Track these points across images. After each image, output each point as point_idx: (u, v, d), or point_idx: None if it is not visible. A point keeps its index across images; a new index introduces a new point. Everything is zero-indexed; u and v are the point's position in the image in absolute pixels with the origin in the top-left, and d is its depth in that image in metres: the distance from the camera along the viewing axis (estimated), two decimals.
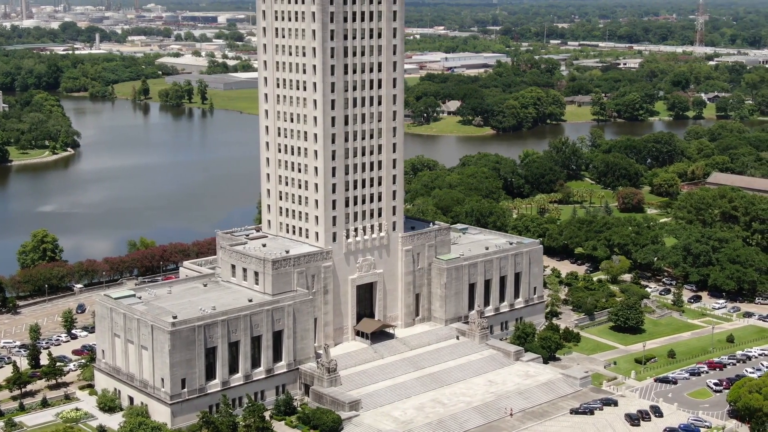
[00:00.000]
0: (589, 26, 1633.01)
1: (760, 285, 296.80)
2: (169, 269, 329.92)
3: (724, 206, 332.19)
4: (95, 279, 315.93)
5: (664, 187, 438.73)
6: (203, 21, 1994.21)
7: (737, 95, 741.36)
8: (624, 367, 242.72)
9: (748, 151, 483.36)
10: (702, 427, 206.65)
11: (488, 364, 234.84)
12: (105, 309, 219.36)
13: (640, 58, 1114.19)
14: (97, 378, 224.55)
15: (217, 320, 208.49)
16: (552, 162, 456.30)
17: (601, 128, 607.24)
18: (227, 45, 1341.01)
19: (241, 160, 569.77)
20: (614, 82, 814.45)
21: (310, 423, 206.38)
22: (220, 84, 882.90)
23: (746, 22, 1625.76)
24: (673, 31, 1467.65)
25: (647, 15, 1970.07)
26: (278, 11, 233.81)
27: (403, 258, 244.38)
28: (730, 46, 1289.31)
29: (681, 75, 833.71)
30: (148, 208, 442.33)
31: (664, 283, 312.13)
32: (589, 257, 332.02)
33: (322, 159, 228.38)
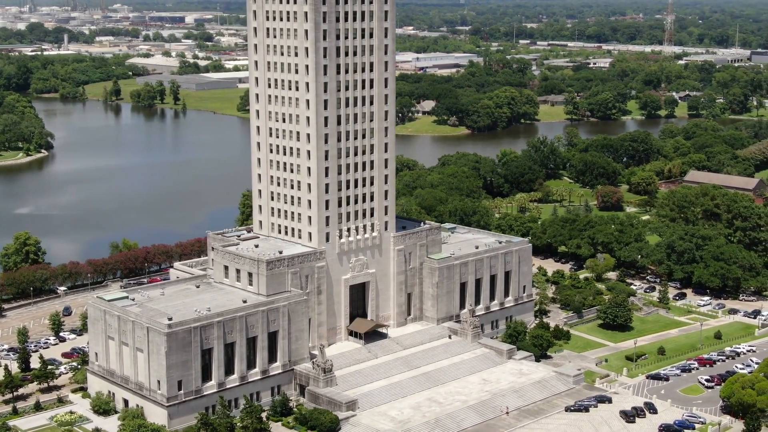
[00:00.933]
0: (558, 26, 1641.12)
1: (744, 282, 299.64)
2: (152, 271, 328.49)
3: (707, 204, 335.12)
4: (79, 281, 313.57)
5: (642, 185, 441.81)
6: (170, 21, 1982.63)
7: (708, 94, 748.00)
8: (615, 365, 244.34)
9: (723, 150, 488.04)
10: (697, 423, 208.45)
11: (481, 363, 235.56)
12: (98, 311, 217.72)
13: (609, 57, 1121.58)
14: (90, 381, 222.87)
15: (212, 321, 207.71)
16: (531, 161, 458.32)
17: (575, 127, 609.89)
18: (197, 45, 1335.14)
19: (217, 161, 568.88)
20: (586, 81, 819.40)
21: (308, 423, 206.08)
22: (192, 84, 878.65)
23: (713, 22, 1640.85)
24: (641, 30, 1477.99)
25: (614, 15, 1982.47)
26: (269, 11, 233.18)
27: (395, 258, 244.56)
28: (698, 45, 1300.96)
29: (652, 74, 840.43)
30: (126, 209, 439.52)
31: (648, 281, 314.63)
32: (573, 256, 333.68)
33: (315, 159, 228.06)
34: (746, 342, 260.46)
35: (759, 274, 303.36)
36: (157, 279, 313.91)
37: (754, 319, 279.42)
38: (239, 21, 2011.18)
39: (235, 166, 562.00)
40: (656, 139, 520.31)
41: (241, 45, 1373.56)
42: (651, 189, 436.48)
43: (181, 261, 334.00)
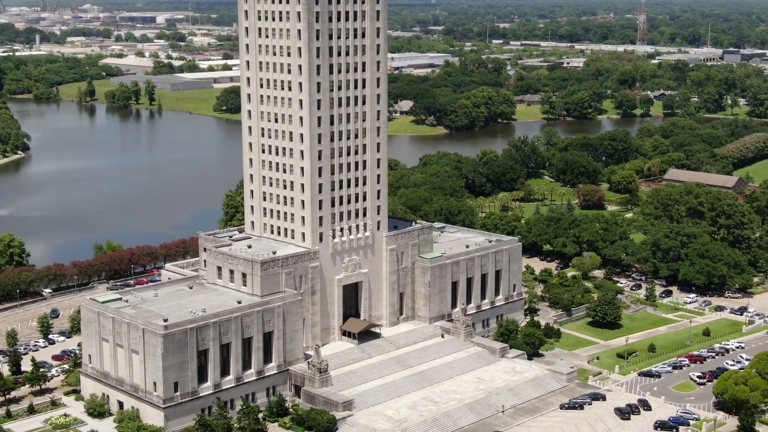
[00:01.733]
0: (530, 26, 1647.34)
1: (729, 279, 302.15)
2: (138, 272, 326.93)
3: (691, 202, 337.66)
4: (63, 283, 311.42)
5: (623, 183, 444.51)
6: (142, 21, 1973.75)
7: (683, 93, 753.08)
8: (607, 362, 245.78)
9: (702, 148, 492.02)
10: (691, 420, 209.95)
11: (475, 362, 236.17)
12: (92, 313, 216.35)
13: (582, 57, 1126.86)
14: (83, 383, 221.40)
15: (208, 322, 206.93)
16: (512, 161, 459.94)
17: (552, 127, 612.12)
18: (170, 45, 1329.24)
19: (195, 162, 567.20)
20: (561, 81, 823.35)
21: (305, 424, 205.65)
22: (167, 85, 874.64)
23: (683, 21, 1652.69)
24: (613, 30, 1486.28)
25: (585, 14, 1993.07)
26: (261, 11, 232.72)
27: (387, 257, 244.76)
28: (670, 44, 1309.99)
29: (627, 74, 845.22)
30: (107, 210, 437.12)
31: (634, 279, 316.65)
32: (558, 254, 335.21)
33: (309, 159, 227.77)
34: (734, 339, 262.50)
35: (744, 272, 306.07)
36: (144, 281, 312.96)
37: (741, 316, 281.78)
38: (211, 21, 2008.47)
39: (213, 166, 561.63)
40: (635, 138, 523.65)
41: (215, 45, 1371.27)
42: (632, 187, 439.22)
43: (166, 262, 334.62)
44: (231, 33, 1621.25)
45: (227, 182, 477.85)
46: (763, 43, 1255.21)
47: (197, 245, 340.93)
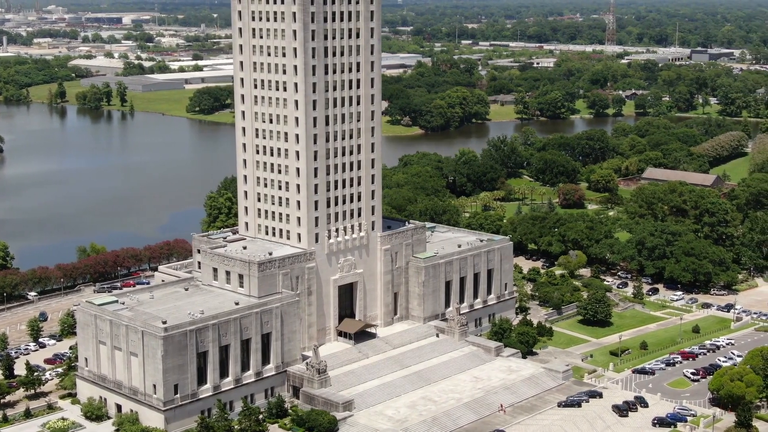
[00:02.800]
0: (498, 26, 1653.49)
1: (715, 277, 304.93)
2: (122, 275, 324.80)
3: (675, 200, 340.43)
4: (48, 286, 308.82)
5: (602, 183, 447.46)
6: (107, 22, 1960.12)
7: (655, 92, 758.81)
8: (601, 360, 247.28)
9: (678, 147, 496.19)
10: (688, 416, 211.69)
11: (470, 361, 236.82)
12: (88, 316, 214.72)
13: (551, 57, 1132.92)
14: (79, 386, 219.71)
15: (208, 324, 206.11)
16: (492, 160, 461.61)
17: (529, 126, 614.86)
18: (138, 46, 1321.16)
19: (171, 163, 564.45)
20: (534, 81, 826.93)
21: (305, 425, 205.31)
22: (139, 86, 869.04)
23: (649, 21, 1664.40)
24: (581, 30, 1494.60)
25: (551, 15, 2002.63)
26: (255, 11, 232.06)
27: (381, 257, 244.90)
28: (638, 44, 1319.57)
29: (598, 74, 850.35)
30: (86, 212, 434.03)
31: (620, 277, 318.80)
32: (543, 253, 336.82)
33: (305, 160, 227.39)
34: (724, 335, 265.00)
35: (729, 269, 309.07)
36: (131, 283, 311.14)
37: (728, 312, 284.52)
38: (178, 22, 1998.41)
39: (190, 168, 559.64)
40: (611, 138, 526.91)
41: (183, 46, 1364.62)
42: (611, 186, 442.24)
43: (150, 264, 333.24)
44: (198, 34, 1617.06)
45: (205, 183, 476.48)
46: (730, 42, 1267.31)
47: (181, 247, 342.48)
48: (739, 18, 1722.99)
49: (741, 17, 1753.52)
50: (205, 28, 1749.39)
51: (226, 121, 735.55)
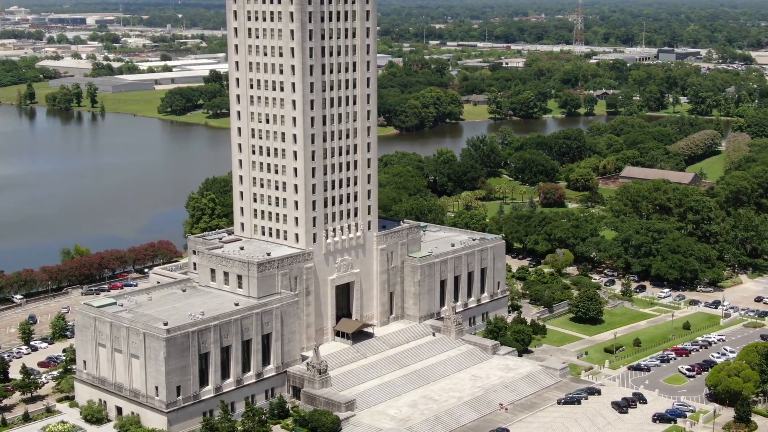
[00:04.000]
0: (466, 27, 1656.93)
1: (701, 273, 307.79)
2: (106, 277, 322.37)
3: (659, 198, 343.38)
4: (34, 289, 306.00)
5: (581, 181, 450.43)
6: (71, 23, 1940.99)
7: (626, 92, 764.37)
8: (596, 357, 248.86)
9: (655, 145, 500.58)
10: (687, 412, 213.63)
11: (468, 359, 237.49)
12: (87, 318, 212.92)
13: (520, 57, 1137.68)
14: (77, 389, 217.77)
15: (209, 325, 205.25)
16: (472, 160, 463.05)
17: (506, 126, 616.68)
18: (104, 47, 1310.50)
19: (146, 164, 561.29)
20: (505, 81, 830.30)
21: (308, 425, 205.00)
22: (109, 87, 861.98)
23: (614, 21, 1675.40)
24: (548, 30, 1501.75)
25: (516, 15, 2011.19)
26: (251, 11, 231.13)
27: (378, 257, 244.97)
28: (604, 44, 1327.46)
29: (569, 73, 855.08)
30: (65, 214, 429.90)
31: (606, 275, 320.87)
32: (529, 252, 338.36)
33: (302, 160, 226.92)
34: (714, 332, 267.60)
35: (714, 266, 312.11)
36: (119, 285, 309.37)
37: (716, 309, 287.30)
38: (142, 22, 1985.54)
39: (165, 169, 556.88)
40: (588, 137, 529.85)
41: (150, 46, 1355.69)
42: (591, 185, 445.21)
43: (135, 266, 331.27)
44: (165, 34, 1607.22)
45: (183, 184, 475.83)
46: (696, 42, 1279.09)
47: (166, 248, 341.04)
48: (703, 18, 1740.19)
49: (705, 17, 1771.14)
50: (171, 28, 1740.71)
51: (199, 121, 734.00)
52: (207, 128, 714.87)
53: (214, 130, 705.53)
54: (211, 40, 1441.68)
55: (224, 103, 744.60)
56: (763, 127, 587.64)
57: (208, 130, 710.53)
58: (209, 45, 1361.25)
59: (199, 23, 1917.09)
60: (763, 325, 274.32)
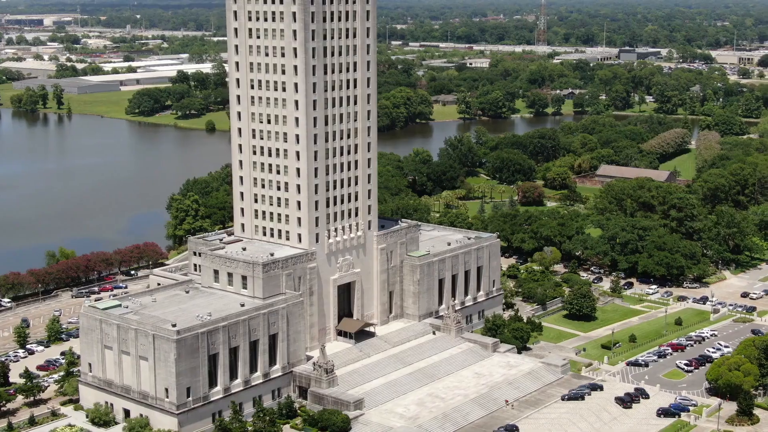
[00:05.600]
0: (427, 27, 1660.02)
1: (687, 270, 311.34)
2: (92, 279, 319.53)
3: (644, 196, 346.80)
4: (21, 292, 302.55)
5: (558, 180, 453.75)
6: (29, 24, 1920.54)
7: (592, 91, 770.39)
8: (593, 353, 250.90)
9: (628, 144, 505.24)
10: (690, 406, 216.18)
11: (470, 357, 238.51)
12: (93, 320, 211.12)
13: (483, 57, 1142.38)
14: (82, 392, 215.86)
15: (218, 326, 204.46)
16: (450, 159, 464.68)
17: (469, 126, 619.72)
18: (65, 48, 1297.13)
19: (118, 166, 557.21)
20: (472, 81, 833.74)
21: (317, 425, 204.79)
22: (74, 88, 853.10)
23: (573, 22, 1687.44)
24: (509, 31, 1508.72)
25: (476, 16, 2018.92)
26: (252, 12, 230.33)
27: (378, 256, 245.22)
28: (565, 44, 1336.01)
29: (535, 73, 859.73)
30: (41, 217, 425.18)
31: (593, 272, 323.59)
32: (516, 250, 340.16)
33: (305, 160, 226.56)
34: (706, 327, 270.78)
35: (699, 262, 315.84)
36: (109, 288, 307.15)
37: (704, 305, 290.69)
38: (101, 23, 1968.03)
39: (138, 170, 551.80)
40: (562, 136, 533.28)
41: (111, 47, 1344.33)
42: (568, 183, 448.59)
43: (121, 268, 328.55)
44: (124, 35, 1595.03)
45: (158, 185, 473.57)
46: (655, 41, 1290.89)
47: (152, 250, 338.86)
48: (660, 17, 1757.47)
49: (661, 17, 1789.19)
50: (131, 29, 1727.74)
51: (168, 122, 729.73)
52: (176, 129, 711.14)
53: (183, 131, 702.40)
54: (172, 40, 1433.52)
55: (193, 104, 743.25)
56: (731, 125, 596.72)
57: (177, 131, 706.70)
58: (171, 46, 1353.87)
59: (158, 24, 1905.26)
60: (752, 319, 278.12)
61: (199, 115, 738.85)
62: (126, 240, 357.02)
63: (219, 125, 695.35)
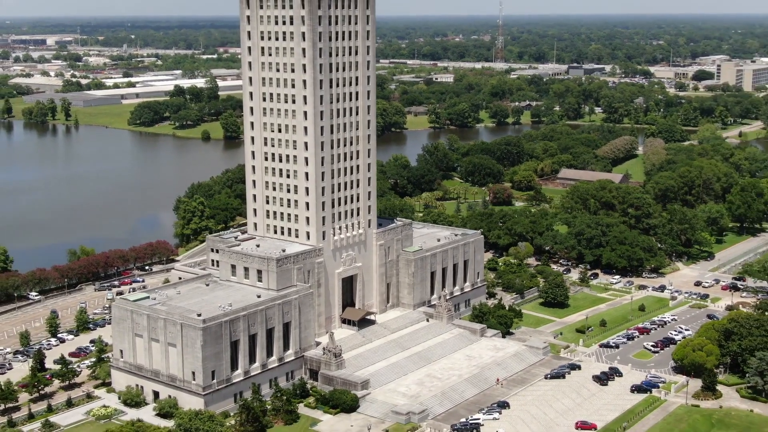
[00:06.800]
0: (395, 46, 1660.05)
1: (646, 262, 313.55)
2: (110, 274, 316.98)
3: (605, 196, 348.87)
4: (47, 286, 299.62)
5: (524, 182, 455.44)
6: (33, 44, 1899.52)
7: (547, 103, 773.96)
8: (569, 337, 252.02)
9: (585, 150, 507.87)
10: (659, 383, 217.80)
11: (460, 341, 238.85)
12: (124, 311, 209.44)
13: (447, 72, 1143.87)
14: (114, 376, 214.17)
15: (239, 315, 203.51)
16: (428, 164, 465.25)
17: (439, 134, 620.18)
18: (69, 65, 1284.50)
19: (124, 171, 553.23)
20: (440, 94, 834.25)
21: (329, 403, 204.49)
22: (80, 101, 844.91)
23: (525, 41, 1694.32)
24: (468, 49, 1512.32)
25: (437, 35, 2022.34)
26: (264, 32, 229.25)
27: (377, 252, 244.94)
28: (519, 61, 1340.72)
29: (497, 87, 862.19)
30: (61, 218, 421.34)
31: (562, 264, 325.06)
32: (492, 245, 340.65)
33: (313, 165, 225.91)
34: (667, 312, 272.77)
35: (656, 255, 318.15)
36: (128, 282, 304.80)
37: (662, 293, 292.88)
38: (99, 42, 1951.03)
39: (143, 175, 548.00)
40: (525, 143, 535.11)
41: (110, 64, 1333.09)
42: (533, 185, 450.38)
43: (136, 264, 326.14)
44: (121, 53, 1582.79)
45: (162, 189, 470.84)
46: (599, 58, 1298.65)
47: (163, 247, 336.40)
48: (602, 37, 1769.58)
49: (603, 36, 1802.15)
50: (127, 48, 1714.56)
51: (166, 132, 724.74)
52: (175, 138, 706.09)
53: (181, 139, 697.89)
54: (165, 58, 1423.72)
55: (189, 115, 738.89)
56: (673, 133, 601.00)
57: (175, 139, 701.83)
58: (164, 63, 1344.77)
59: (152, 43, 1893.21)
60: (706, 305, 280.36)
61: (194, 125, 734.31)
62: (136, 239, 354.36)
63: (213, 134, 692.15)
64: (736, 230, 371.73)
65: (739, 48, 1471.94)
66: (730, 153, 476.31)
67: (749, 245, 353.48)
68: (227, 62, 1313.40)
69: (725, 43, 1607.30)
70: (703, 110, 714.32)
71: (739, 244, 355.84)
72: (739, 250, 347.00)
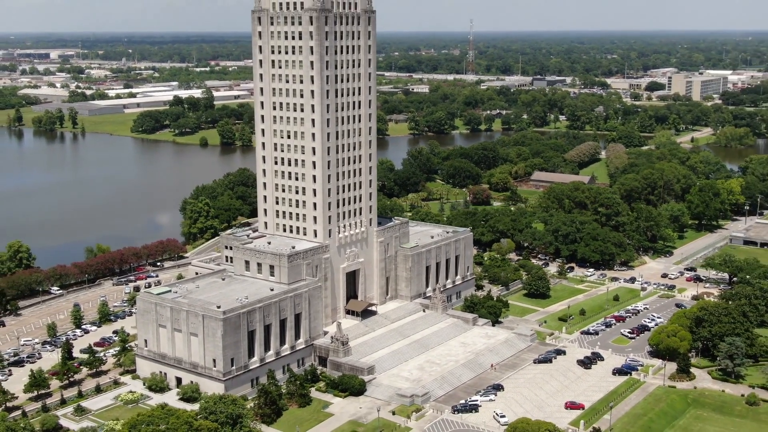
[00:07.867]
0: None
1: (617, 256, 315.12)
2: (125, 270, 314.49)
3: (579, 196, 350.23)
4: (66, 282, 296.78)
5: (501, 184, 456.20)
6: (38, 57, 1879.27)
7: (516, 112, 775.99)
8: (553, 325, 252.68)
9: (554, 155, 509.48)
10: (638, 366, 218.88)
11: (455, 330, 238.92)
12: (148, 304, 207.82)
13: (422, 84, 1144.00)
14: (139, 364, 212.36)
15: (255, 307, 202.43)
16: (413, 167, 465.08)
17: (418, 140, 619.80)
18: (72, 77, 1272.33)
19: (130, 175, 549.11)
20: (418, 103, 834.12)
21: (338, 387, 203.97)
22: (86, 111, 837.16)
23: (491, 55, 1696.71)
24: (441, 62, 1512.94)
25: (411, 50, 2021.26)
26: (275, 46, 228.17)
27: (377, 248, 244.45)
28: (487, 73, 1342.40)
29: (470, 97, 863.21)
30: (75, 219, 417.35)
31: (541, 258, 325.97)
32: (476, 242, 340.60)
33: (321, 168, 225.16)
34: (639, 302, 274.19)
35: (625, 250, 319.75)
36: (143, 277, 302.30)
37: (633, 284, 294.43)
38: (99, 56, 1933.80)
39: (148, 179, 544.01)
40: (500, 148, 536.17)
41: (111, 76, 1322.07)
42: (509, 186, 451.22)
43: (148, 261, 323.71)
44: (121, 66, 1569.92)
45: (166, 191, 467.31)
46: (560, 71, 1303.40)
47: (173, 245, 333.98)
48: (561, 52, 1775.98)
49: (562, 51, 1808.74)
50: (126, 61, 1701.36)
51: (167, 139, 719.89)
52: (175, 144, 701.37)
53: (181, 146, 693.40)
54: (161, 71, 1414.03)
55: (187, 123, 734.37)
56: (632, 138, 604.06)
57: (175, 146, 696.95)
58: (161, 75, 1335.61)
59: (148, 57, 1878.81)
60: (673, 295, 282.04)
61: (193, 132, 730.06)
62: (146, 237, 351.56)
63: (211, 141, 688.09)
64: (695, 227, 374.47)
65: (686, 61, 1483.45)
66: (687, 157, 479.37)
67: (707, 241, 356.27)
68: (219, 74, 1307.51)
69: (673, 56, 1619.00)
70: (658, 118, 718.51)
71: (698, 239, 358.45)
72: (698, 245, 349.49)
